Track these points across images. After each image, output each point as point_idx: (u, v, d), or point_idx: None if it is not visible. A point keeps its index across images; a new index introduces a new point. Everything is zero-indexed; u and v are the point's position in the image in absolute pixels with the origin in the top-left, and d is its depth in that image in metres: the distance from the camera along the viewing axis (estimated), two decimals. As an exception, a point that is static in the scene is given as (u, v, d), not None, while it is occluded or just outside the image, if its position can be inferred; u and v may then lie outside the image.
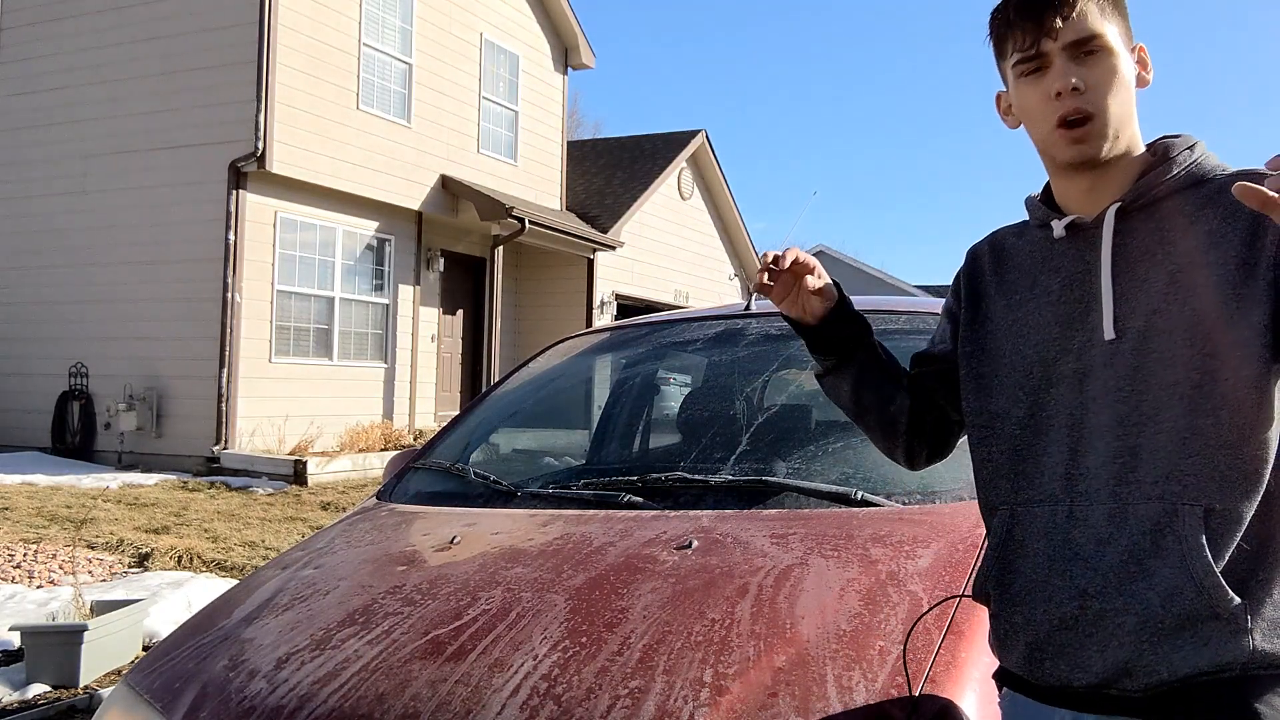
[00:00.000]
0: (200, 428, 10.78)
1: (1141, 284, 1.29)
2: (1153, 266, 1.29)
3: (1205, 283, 1.24)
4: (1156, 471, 1.24)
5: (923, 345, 1.60)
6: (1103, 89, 1.30)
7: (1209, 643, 1.20)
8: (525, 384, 3.26)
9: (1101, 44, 1.30)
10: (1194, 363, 1.23)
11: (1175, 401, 1.24)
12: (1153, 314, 1.27)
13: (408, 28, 12.92)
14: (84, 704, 4.09)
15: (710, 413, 2.87)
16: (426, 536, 2.27)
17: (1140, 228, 1.31)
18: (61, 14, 12.06)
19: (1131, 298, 1.29)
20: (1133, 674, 1.23)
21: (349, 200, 12.14)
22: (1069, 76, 1.30)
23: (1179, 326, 1.25)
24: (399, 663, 1.63)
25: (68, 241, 11.72)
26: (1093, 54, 1.30)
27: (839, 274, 30.95)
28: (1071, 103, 1.30)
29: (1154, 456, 1.25)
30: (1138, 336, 1.28)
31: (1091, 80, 1.30)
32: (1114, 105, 1.31)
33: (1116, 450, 1.28)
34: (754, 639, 1.56)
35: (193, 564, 6.50)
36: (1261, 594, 1.21)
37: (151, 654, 1.97)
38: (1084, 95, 1.30)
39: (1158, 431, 1.25)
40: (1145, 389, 1.26)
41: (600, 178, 17.96)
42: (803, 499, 2.14)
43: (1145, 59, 1.37)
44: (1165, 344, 1.26)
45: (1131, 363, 1.28)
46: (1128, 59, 1.33)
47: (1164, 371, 1.25)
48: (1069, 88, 1.29)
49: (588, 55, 16.52)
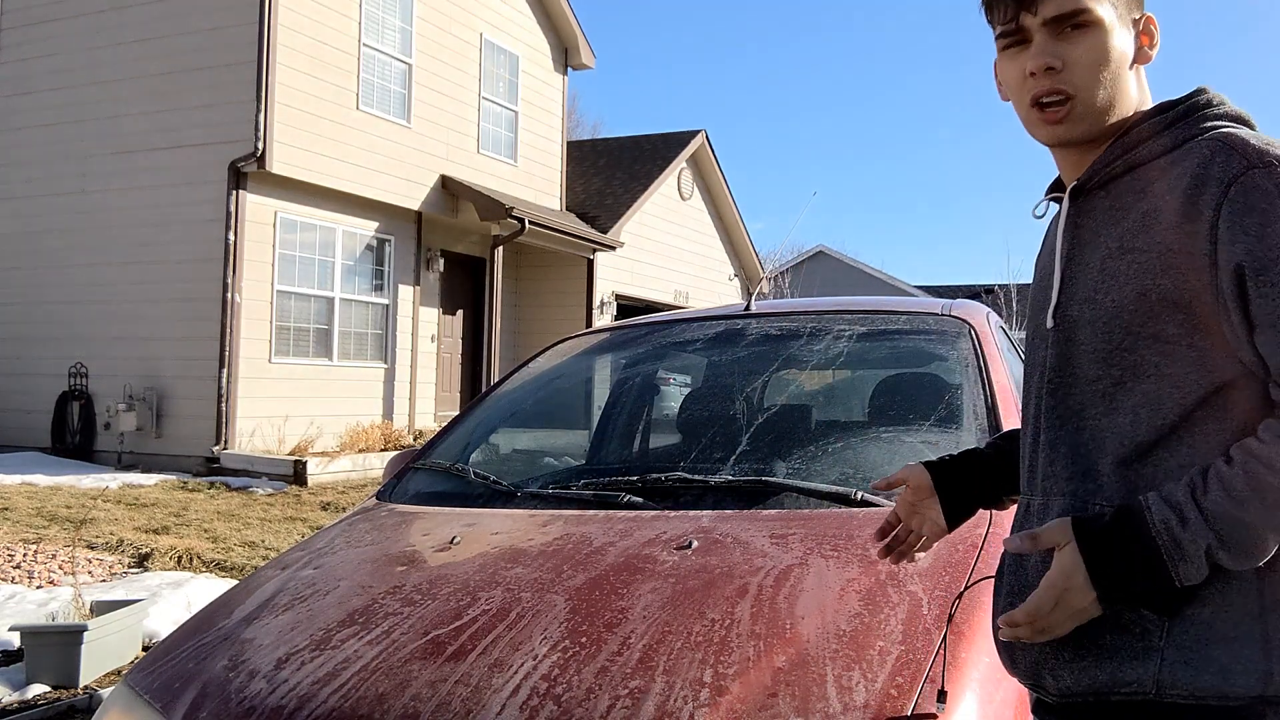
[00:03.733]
0: (200, 428, 10.78)
1: (1083, 269, 1.21)
2: (1095, 250, 1.20)
3: (1129, 270, 1.14)
4: (1074, 468, 1.19)
5: (921, 345, 1.61)
6: (1085, 67, 1.19)
7: (1113, 655, 1.12)
8: (525, 384, 3.26)
9: (1088, 18, 1.19)
10: (1113, 358, 1.15)
11: (1096, 398, 1.17)
12: (1084, 303, 1.19)
13: (407, 28, 12.92)
14: (84, 704, 4.09)
15: (710, 413, 2.88)
16: (426, 536, 2.27)
17: (1096, 207, 1.23)
18: (61, 14, 12.05)
19: (1073, 284, 1.22)
20: (1044, 679, 1.19)
21: (349, 200, 12.14)
22: (1043, 56, 1.19)
23: (1102, 317, 1.16)
24: (399, 663, 1.63)
25: (68, 241, 11.71)
26: (1079, 29, 1.19)
27: (839, 274, 30.97)
28: (1046, 82, 1.20)
29: (1074, 452, 1.19)
30: (1070, 326, 1.21)
31: (1073, 58, 1.19)
32: (1098, 85, 1.19)
33: (1045, 442, 1.23)
34: (754, 639, 1.56)
35: (192, 564, 6.50)
36: (1186, 611, 1.10)
37: (151, 654, 1.97)
38: (1062, 75, 1.19)
39: (1080, 428, 1.19)
40: (1072, 382, 1.20)
41: (600, 178, 17.96)
42: (803, 499, 2.14)
43: (1152, 31, 1.25)
44: (1089, 335, 1.18)
45: (1062, 354, 1.22)
46: (1123, 33, 1.21)
47: (1088, 366, 1.18)
48: (1042, 68, 1.19)
49: (587, 55, 16.51)
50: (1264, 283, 1.06)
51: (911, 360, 2.98)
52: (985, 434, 2.29)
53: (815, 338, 2.82)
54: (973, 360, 2.58)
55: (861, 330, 2.84)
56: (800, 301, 3.36)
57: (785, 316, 3.04)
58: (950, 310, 2.89)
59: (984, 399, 2.41)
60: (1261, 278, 1.06)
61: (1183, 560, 1.06)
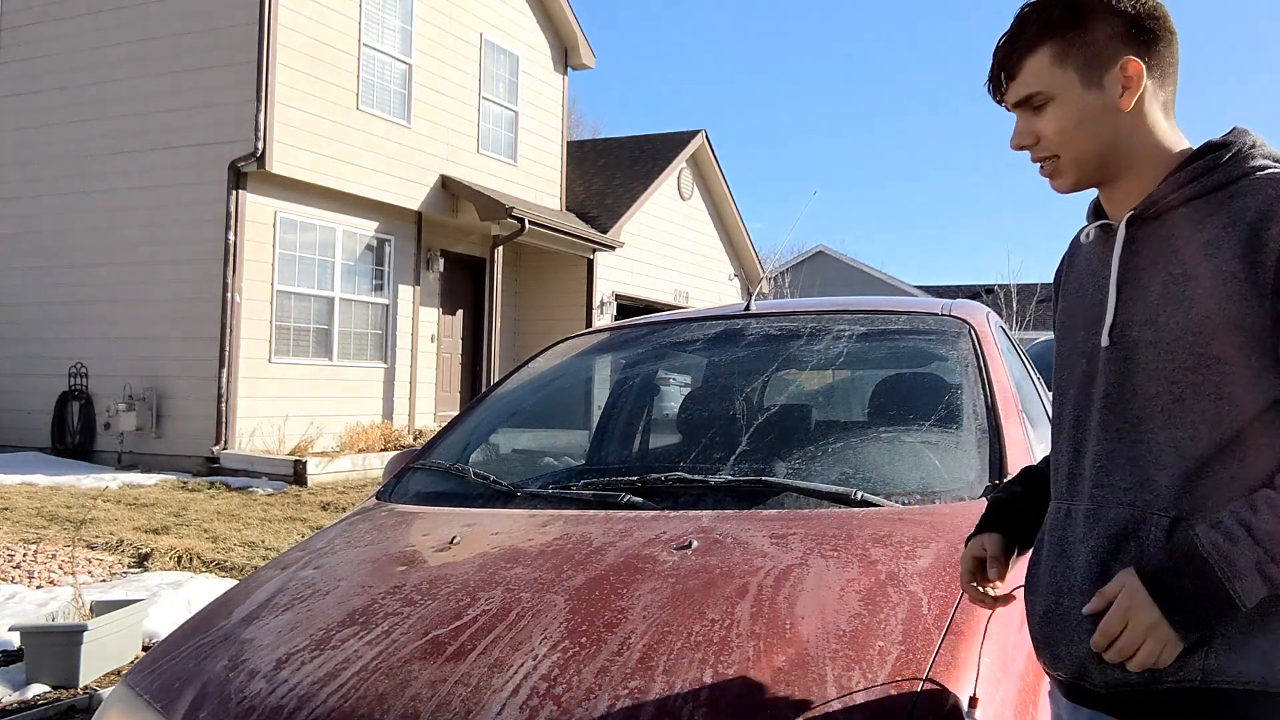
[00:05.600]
0: (200, 428, 10.78)
1: (1143, 293, 1.30)
2: (1154, 276, 1.30)
3: (1193, 295, 1.24)
4: (1131, 479, 1.27)
5: (921, 345, 1.64)
6: (1054, 135, 1.34)
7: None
8: (525, 384, 3.26)
9: (1042, 98, 1.34)
10: (1175, 376, 1.25)
11: (1156, 413, 1.26)
12: (1145, 325, 1.29)
13: (407, 28, 12.92)
14: (84, 704, 4.09)
15: (710, 413, 2.88)
16: (426, 537, 2.27)
17: (1151, 235, 1.33)
18: (61, 14, 12.05)
19: (1132, 306, 1.31)
20: (1091, 673, 1.28)
21: (349, 200, 12.14)
22: (1016, 136, 1.38)
23: (1165, 339, 1.26)
24: (399, 663, 1.62)
25: (68, 241, 11.71)
26: (1040, 107, 1.35)
27: (839, 274, 30.96)
28: (1032, 153, 1.38)
29: (1131, 464, 1.28)
30: (1130, 346, 1.30)
31: (1043, 130, 1.35)
32: (1072, 144, 1.34)
33: (1099, 454, 1.32)
34: (754, 639, 1.56)
35: (192, 564, 6.49)
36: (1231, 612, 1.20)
37: (151, 654, 1.97)
38: (1040, 144, 1.36)
39: (1137, 440, 1.28)
40: (1131, 398, 1.29)
41: (600, 178, 17.96)
42: (803, 499, 2.14)
43: (1131, 77, 1.32)
44: (1151, 355, 1.27)
45: (1121, 370, 1.30)
46: (1091, 93, 1.32)
47: (1148, 383, 1.27)
48: (1016, 147, 1.38)
49: (587, 55, 16.51)
50: None
51: (911, 360, 2.97)
52: (985, 434, 2.29)
53: (815, 338, 2.82)
54: (972, 360, 2.58)
55: (861, 330, 2.83)
56: (800, 301, 3.36)
57: (785, 316, 3.04)
58: (950, 310, 2.89)
59: (984, 399, 2.41)
60: None
61: (1238, 577, 1.15)
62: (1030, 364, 3.42)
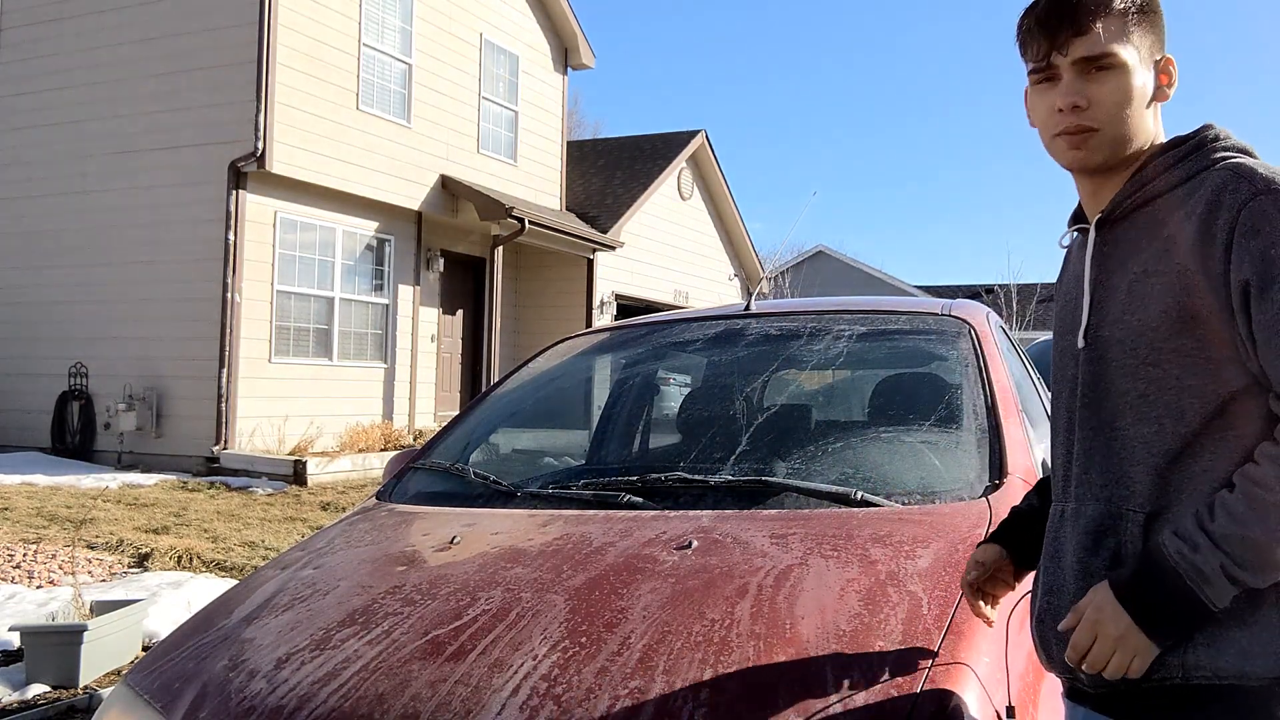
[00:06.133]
0: (200, 428, 10.78)
1: (1112, 293, 1.32)
2: (1123, 276, 1.31)
3: (1151, 291, 1.26)
4: (1107, 475, 1.29)
5: (921, 345, 1.64)
6: (1109, 106, 1.30)
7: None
8: (525, 384, 3.25)
9: (1113, 61, 1.30)
10: (1139, 372, 1.26)
11: (1126, 410, 1.28)
12: (1114, 324, 1.30)
13: (407, 28, 12.92)
14: (84, 704, 4.09)
15: (710, 413, 2.87)
16: (426, 536, 2.27)
17: (1121, 236, 1.34)
18: (61, 14, 12.05)
19: (1104, 307, 1.33)
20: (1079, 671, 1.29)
21: (349, 200, 12.14)
22: (1071, 94, 1.31)
23: (1129, 336, 1.28)
24: (399, 663, 1.62)
25: (68, 241, 11.71)
26: (1105, 70, 1.30)
27: (839, 274, 30.96)
28: (1072, 119, 1.31)
29: (1106, 461, 1.30)
30: (1103, 345, 1.32)
31: (1098, 97, 1.30)
32: (1120, 122, 1.31)
33: (1079, 452, 1.34)
34: (754, 639, 1.56)
35: (192, 564, 6.49)
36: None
37: (151, 654, 1.97)
38: (1087, 111, 1.31)
39: (1111, 438, 1.29)
40: (1105, 397, 1.31)
41: (600, 178, 17.96)
42: (803, 499, 2.14)
43: (1171, 71, 1.35)
44: (1119, 353, 1.29)
45: (1095, 370, 1.32)
46: (1144, 73, 1.32)
47: (1119, 380, 1.29)
48: (1070, 106, 1.31)
49: (587, 55, 16.51)
50: (1266, 299, 1.16)
51: (911, 360, 2.97)
52: (985, 434, 2.29)
53: (815, 338, 2.82)
54: (972, 360, 2.58)
55: (861, 330, 2.83)
56: (800, 301, 3.36)
57: (785, 316, 3.04)
58: (950, 310, 2.89)
59: (984, 399, 2.41)
60: (1264, 294, 1.17)
61: (1205, 582, 1.17)
62: (1030, 364, 3.43)
